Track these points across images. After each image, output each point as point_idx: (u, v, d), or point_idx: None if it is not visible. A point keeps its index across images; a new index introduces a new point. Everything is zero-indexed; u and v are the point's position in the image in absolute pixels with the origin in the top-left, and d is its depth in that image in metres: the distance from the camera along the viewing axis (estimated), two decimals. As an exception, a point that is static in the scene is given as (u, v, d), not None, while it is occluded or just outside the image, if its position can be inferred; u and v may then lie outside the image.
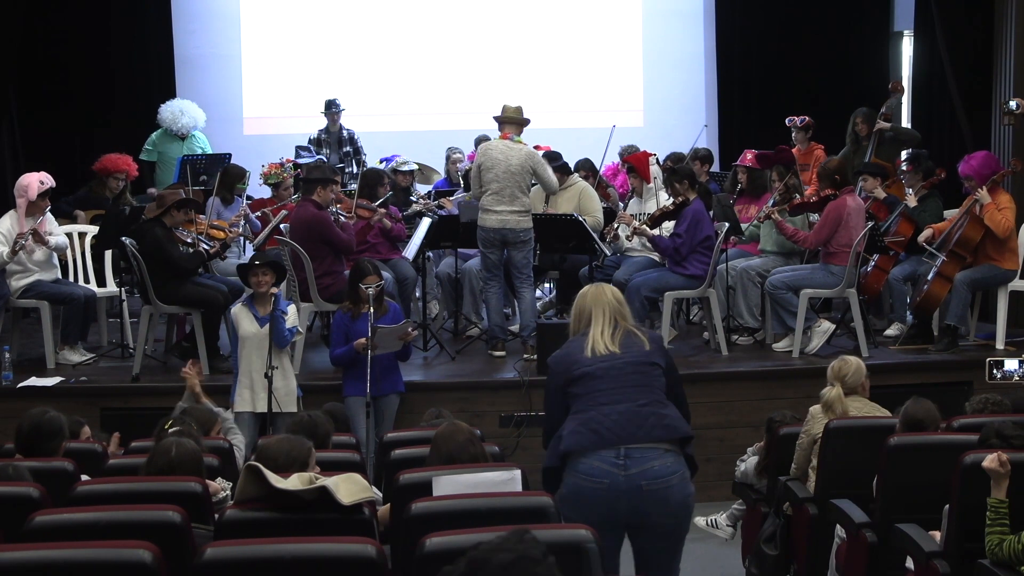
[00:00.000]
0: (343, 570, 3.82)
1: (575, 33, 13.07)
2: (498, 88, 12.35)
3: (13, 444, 5.75)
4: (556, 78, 12.91)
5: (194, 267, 8.66)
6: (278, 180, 10.10)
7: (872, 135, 10.34)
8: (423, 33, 12.95)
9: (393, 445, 6.10)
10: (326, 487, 4.32)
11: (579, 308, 5.26)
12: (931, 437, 5.65)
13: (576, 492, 4.86)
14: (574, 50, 13.06)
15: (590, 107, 12.86)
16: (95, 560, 3.80)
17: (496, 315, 9.01)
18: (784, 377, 8.75)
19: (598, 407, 4.92)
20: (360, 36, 12.86)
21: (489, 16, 13.00)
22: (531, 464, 7.23)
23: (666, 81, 13.14)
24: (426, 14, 12.95)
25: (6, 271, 8.79)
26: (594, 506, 4.80)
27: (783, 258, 9.41)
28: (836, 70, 12.38)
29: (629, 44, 13.16)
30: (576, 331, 5.23)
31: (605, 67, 13.14)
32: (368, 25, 12.88)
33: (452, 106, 12.75)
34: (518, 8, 13.02)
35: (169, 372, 8.84)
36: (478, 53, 12.95)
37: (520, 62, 12.88)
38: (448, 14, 12.97)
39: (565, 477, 4.93)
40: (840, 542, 5.93)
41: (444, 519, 4.20)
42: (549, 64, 12.97)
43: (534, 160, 8.86)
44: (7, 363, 8.57)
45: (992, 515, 4.66)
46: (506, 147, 8.78)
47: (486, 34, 12.99)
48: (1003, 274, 9.07)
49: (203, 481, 4.91)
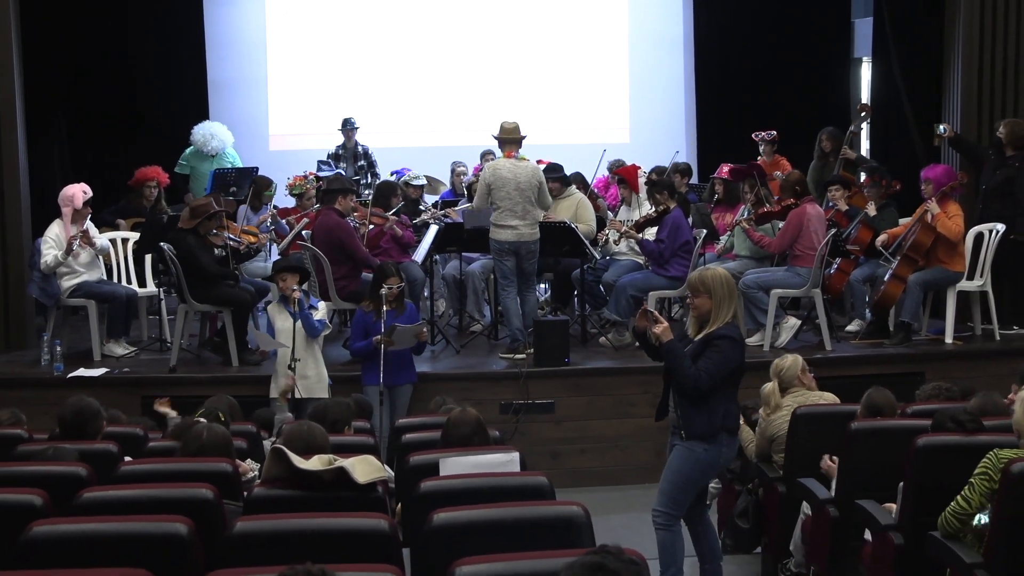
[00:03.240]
0: (359, 543, 3.82)
1: (568, 58, 13.05)
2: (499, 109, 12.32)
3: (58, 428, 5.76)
4: (552, 99, 12.90)
5: (219, 272, 8.67)
6: (302, 191, 10.14)
7: (839, 157, 10.35)
8: (431, 58, 12.94)
9: (404, 430, 6.12)
10: (343, 468, 4.34)
11: (729, 290, 5.60)
12: (888, 422, 5.67)
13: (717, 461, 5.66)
14: (567, 74, 13.05)
15: (582, 125, 12.86)
16: (137, 532, 3.81)
17: (516, 319, 8.76)
18: (756, 368, 8.64)
19: None
20: (373, 61, 12.85)
21: (491, 43, 12.99)
22: (528, 448, 7.28)
23: (650, 101, 13.13)
24: (433, 41, 12.94)
25: (56, 273, 8.81)
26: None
27: (755, 261, 9.41)
28: (803, 92, 12.37)
29: (617, 69, 13.15)
30: (726, 316, 5.52)
31: (595, 89, 13.13)
32: (380, 51, 12.87)
33: (457, 124, 12.74)
34: (517, 35, 13.01)
35: (202, 364, 8.88)
36: (481, 76, 12.94)
37: (519, 85, 12.87)
38: (453, 41, 12.96)
39: (710, 450, 5.53)
40: (805, 517, 5.94)
41: (450, 496, 4.21)
42: (545, 87, 12.96)
43: (539, 176, 8.79)
44: (58, 355, 8.58)
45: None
46: (513, 165, 8.69)
47: (488, 59, 12.98)
48: (952, 275, 9.08)
49: (233, 462, 4.92)
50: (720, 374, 5.43)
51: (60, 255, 8.69)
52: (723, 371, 5.44)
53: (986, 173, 9.39)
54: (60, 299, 8.90)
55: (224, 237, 8.80)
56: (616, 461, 8.48)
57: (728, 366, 5.45)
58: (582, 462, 8.43)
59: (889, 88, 11.34)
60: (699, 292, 5.55)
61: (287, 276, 7.92)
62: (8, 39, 9.21)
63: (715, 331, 5.45)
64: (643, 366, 7.82)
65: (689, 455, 5.54)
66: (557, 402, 8.43)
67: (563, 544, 3.72)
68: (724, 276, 5.59)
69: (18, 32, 9.37)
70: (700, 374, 5.40)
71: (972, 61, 9.87)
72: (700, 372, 5.40)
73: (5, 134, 9.26)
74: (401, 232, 9.42)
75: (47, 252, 8.74)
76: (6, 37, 9.20)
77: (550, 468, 7.38)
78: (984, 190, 9.35)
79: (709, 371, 5.40)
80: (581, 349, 9.08)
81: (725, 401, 5.53)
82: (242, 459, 5.24)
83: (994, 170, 9.34)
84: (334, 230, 8.75)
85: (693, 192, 10.89)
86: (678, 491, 5.58)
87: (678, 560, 5.58)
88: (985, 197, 9.34)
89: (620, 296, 9.02)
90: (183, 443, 5.09)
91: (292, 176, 10.47)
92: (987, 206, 9.33)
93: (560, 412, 8.44)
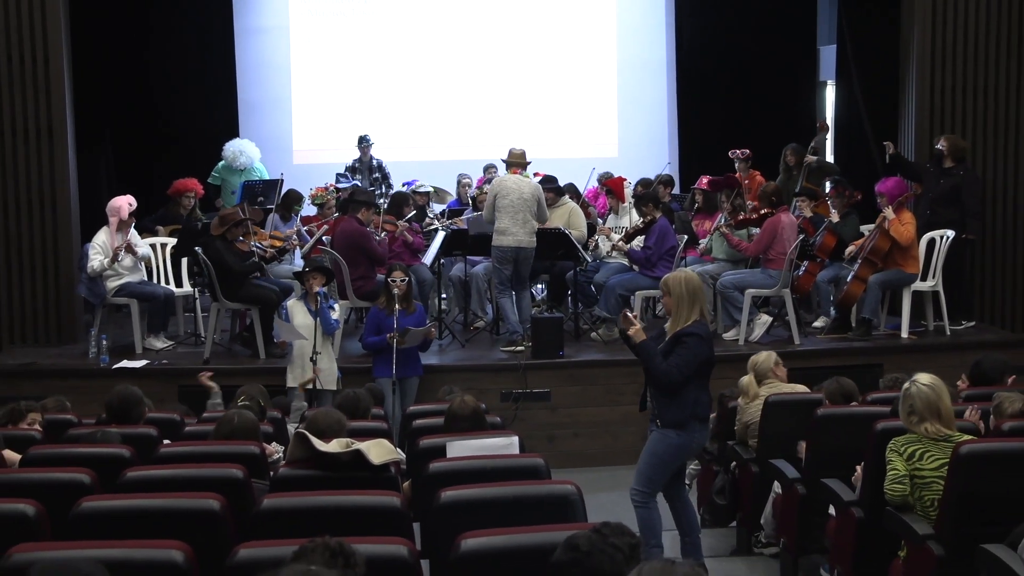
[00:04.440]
0: (373, 518, 3.82)
1: (563, 81, 13.03)
2: (500, 126, 12.42)
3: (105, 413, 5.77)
4: (548, 118, 12.87)
5: (246, 273, 8.67)
6: (323, 201, 10.16)
7: (803, 167, 10.35)
8: (439, 81, 12.92)
9: (415, 416, 6.12)
10: (360, 450, 4.34)
11: (691, 292, 5.47)
12: (851, 409, 5.68)
13: (689, 445, 5.58)
14: (562, 95, 13.02)
15: (575, 141, 12.83)
16: (175, 508, 3.81)
17: (512, 316, 8.82)
18: (732, 361, 8.70)
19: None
20: (386, 84, 12.83)
21: (493, 67, 12.96)
22: (526, 432, 7.29)
23: (636, 120, 13.12)
24: (441, 65, 12.91)
25: (102, 275, 8.82)
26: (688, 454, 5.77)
27: (731, 264, 9.42)
28: (774, 112, 12.35)
29: (606, 90, 13.13)
30: (689, 315, 5.43)
31: (586, 109, 13.10)
32: (393, 75, 12.85)
33: (462, 140, 12.72)
34: (517, 61, 12.98)
35: (233, 356, 8.88)
36: (484, 97, 12.92)
37: (519, 105, 12.85)
38: (459, 65, 12.94)
39: (682, 435, 5.48)
40: (776, 494, 5.95)
41: (456, 476, 4.21)
42: (542, 107, 12.93)
43: (539, 192, 8.86)
44: (104, 349, 8.60)
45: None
46: (517, 180, 8.76)
47: (491, 82, 12.95)
48: (907, 277, 9.08)
49: (261, 445, 4.92)
50: (689, 368, 5.39)
51: (106, 261, 8.72)
52: (692, 365, 5.40)
53: (929, 184, 9.41)
54: (106, 298, 8.91)
55: (250, 243, 8.82)
56: (606, 444, 8.48)
57: (696, 360, 5.41)
58: (575, 445, 8.44)
59: (851, 108, 11.35)
60: (664, 293, 5.56)
61: (317, 276, 8.00)
62: (60, 65, 9.22)
63: (683, 329, 5.41)
64: (630, 359, 7.73)
65: (663, 440, 5.53)
66: (552, 391, 8.44)
67: (558, 519, 3.72)
68: (684, 278, 5.49)
69: (69, 59, 9.37)
70: (671, 369, 5.38)
71: (924, 84, 9.89)
72: (671, 368, 5.38)
73: (57, 149, 9.26)
74: (411, 238, 9.44)
75: (94, 257, 8.75)
76: (58, 63, 9.21)
77: (546, 451, 7.39)
78: (931, 198, 9.36)
79: (679, 366, 5.38)
80: (574, 343, 9.09)
81: (696, 392, 5.49)
82: (268, 442, 5.25)
83: (938, 180, 9.37)
84: (354, 235, 8.81)
85: (675, 201, 10.89)
86: (653, 472, 5.56)
87: (657, 533, 5.57)
88: (933, 204, 9.36)
89: (609, 295, 9.03)
90: (216, 427, 5.10)
91: (314, 187, 10.49)
92: (936, 212, 9.34)
93: (555, 400, 8.44)
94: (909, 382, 4.68)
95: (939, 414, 4.56)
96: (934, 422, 4.55)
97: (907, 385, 4.68)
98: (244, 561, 3.18)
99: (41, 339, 9.33)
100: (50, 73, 9.18)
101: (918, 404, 4.58)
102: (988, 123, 9.91)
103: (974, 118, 9.90)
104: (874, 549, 4.82)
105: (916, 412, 4.58)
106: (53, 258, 9.33)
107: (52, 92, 9.19)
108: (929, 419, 4.56)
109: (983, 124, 9.91)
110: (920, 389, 4.59)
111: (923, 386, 4.59)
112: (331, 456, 4.33)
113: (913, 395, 4.60)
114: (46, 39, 9.16)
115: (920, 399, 4.58)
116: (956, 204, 9.30)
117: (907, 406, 4.63)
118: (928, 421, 4.55)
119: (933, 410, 4.56)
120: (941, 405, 4.57)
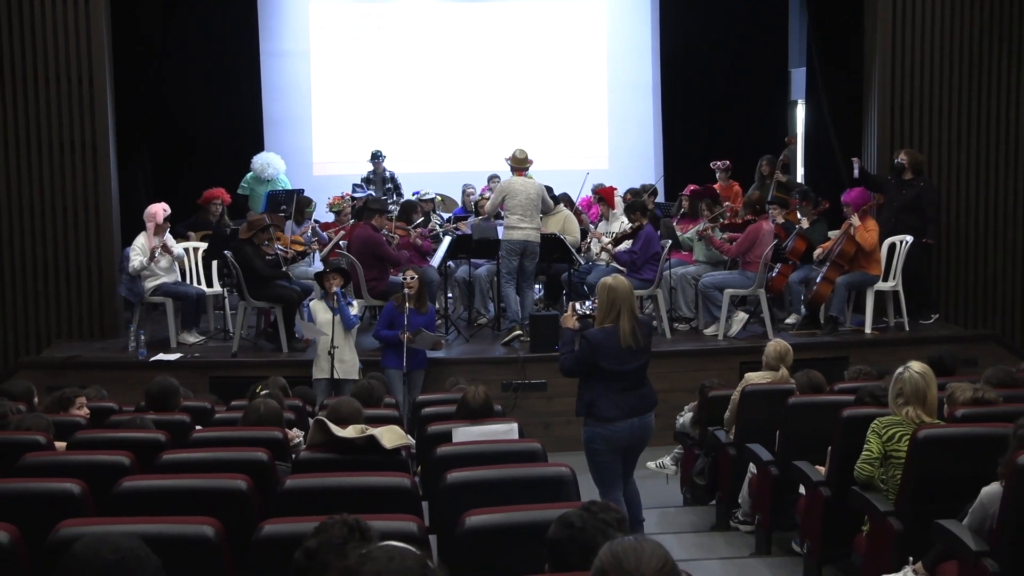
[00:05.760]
0: (386, 497, 3.82)
1: (558, 100, 13.02)
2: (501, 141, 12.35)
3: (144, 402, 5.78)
4: (544, 133, 12.83)
5: (271, 275, 8.68)
6: (340, 208, 10.16)
7: (772, 180, 10.40)
8: (445, 100, 12.91)
9: (423, 405, 6.12)
10: (373, 435, 4.34)
11: (611, 300, 5.21)
12: (820, 398, 5.67)
13: (607, 434, 5.28)
14: (557, 112, 13.01)
15: (570, 153, 12.82)
16: (206, 487, 3.82)
17: (514, 305, 8.89)
18: (712, 354, 8.76)
19: (619, 394, 5.24)
20: (397, 104, 12.83)
21: (495, 87, 12.96)
22: (525, 419, 7.29)
23: (625, 134, 13.11)
24: (447, 86, 12.91)
25: (140, 276, 8.84)
26: (618, 441, 5.32)
27: (711, 266, 9.43)
28: (749, 127, 12.36)
29: (598, 108, 13.12)
30: (603, 319, 5.22)
31: (580, 124, 13.10)
32: (403, 95, 12.84)
33: (466, 153, 12.72)
34: (517, 82, 12.97)
35: (258, 350, 8.90)
36: (487, 114, 12.92)
37: (518, 121, 12.82)
38: (464, 86, 12.94)
39: (596, 427, 5.26)
40: (751, 475, 5.95)
41: (461, 459, 4.21)
42: (539, 122, 12.90)
43: (542, 189, 8.98)
44: (142, 343, 8.61)
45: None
46: (524, 181, 8.86)
47: (493, 100, 12.95)
48: (871, 278, 9.09)
49: (283, 430, 4.93)
50: (576, 366, 5.25)
51: (144, 261, 8.74)
52: (578, 364, 5.24)
53: (892, 194, 9.42)
54: (144, 297, 8.92)
55: (274, 247, 8.85)
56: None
57: (581, 360, 5.23)
58: (569, 431, 8.40)
59: (819, 125, 11.34)
60: (594, 295, 5.41)
61: (336, 276, 8.02)
62: (103, 87, 9.23)
63: (587, 331, 5.26)
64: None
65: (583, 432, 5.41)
66: (549, 382, 8.44)
67: (554, 498, 3.72)
68: (609, 287, 5.23)
69: (111, 81, 9.39)
70: (563, 360, 5.32)
71: (885, 103, 9.91)
72: (563, 359, 5.32)
73: (100, 163, 9.27)
74: (421, 242, 9.46)
75: (134, 258, 8.78)
76: (102, 85, 9.22)
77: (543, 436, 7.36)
78: (895, 207, 9.37)
79: (569, 359, 5.28)
80: (568, 338, 9.08)
81: (589, 393, 5.28)
82: (290, 428, 5.26)
83: (899, 191, 9.38)
84: (368, 241, 8.82)
85: (659, 208, 10.92)
86: (592, 469, 5.37)
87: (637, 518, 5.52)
88: (897, 213, 9.37)
89: (600, 294, 9.04)
90: (244, 414, 5.10)
91: (332, 196, 10.49)
92: (899, 220, 9.35)
93: (551, 390, 8.45)
94: (903, 367, 4.59)
95: (924, 401, 4.50)
96: (917, 408, 4.49)
97: (900, 370, 4.59)
98: (268, 536, 3.19)
99: (85, 334, 9.34)
100: (94, 94, 9.21)
101: (907, 388, 4.51)
102: (943, 139, 9.95)
103: (930, 134, 9.93)
104: (840, 525, 4.82)
105: (903, 395, 4.53)
106: (96, 261, 9.34)
107: (96, 111, 9.21)
108: (913, 404, 4.49)
109: (938, 140, 9.94)
110: (912, 375, 4.52)
111: (915, 373, 4.52)
112: (347, 441, 4.34)
113: (904, 380, 4.53)
114: (91, 64, 9.18)
115: (909, 384, 4.51)
116: (917, 212, 9.34)
117: (896, 389, 4.57)
118: (912, 406, 4.50)
119: (920, 397, 4.50)
120: (928, 393, 4.50)
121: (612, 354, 5.17)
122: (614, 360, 5.18)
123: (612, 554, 2.08)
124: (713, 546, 5.90)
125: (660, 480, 7.25)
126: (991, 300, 10.09)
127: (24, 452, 4.35)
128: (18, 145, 9.20)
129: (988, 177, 10.02)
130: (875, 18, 9.94)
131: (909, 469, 4.35)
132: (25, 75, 9.14)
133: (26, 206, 9.25)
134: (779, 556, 5.51)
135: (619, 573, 2.02)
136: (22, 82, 9.15)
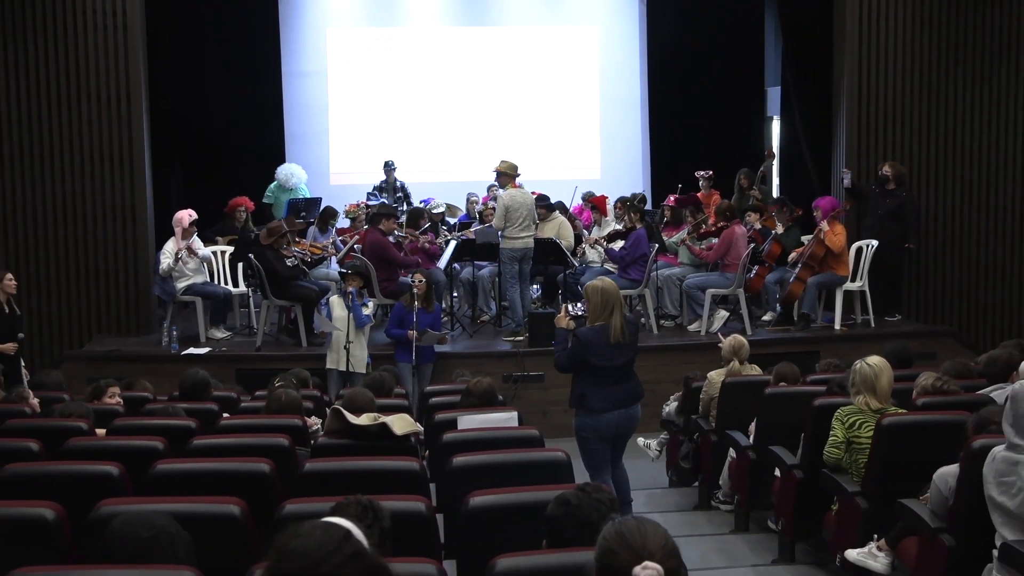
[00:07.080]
0: (397, 479, 3.81)
1: (554, 115, 13.00)
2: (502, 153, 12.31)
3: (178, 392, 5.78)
4: (541, 146, 12.84)
5: (291, 276, 8.68)
6: (355, 215, 10.19)
7: (749, 193, 10.43)
8: (452, 116, 12.90)
9: (431, 395, 6.12)
10: (385, 423, 4.34)
11: (604, 300, 5.17)
12: (793, 388, 5.68)
13: (596, 424, 5.22)
14: (553, 127, 13.00)
15: (565, 165, 12.82)
16: (232, 470, 3.81)
17: (519, 310, 8.82)
18: (695, 349, 8.76)
19: (608, 387, 5.19)
20: (408, 119, 12.81)
21: (497, 104, 12.95)
22: (525, 408, 7.29)
23: (615, 147, 13.09)
24: (453, 103, 12.91)
25: (172, 276, 8.84)
26: (606, 430, 5.25)
27: (695, 268, 9.43)
28: (728, 141, 12.35)
29: (590, 123, 13.11)
30: (595, 319, 5.17)
31: (574, 137, 13.07)
32: (413, 111, 12.83)
33: (471, 164, 12.68)
34: (516, 100, 12.96)
35: (280, 345, 8.90)
36: (489, 129, 12.90)
37: (517, 135, 12.80)
38: (468, 103, 12.93)
39: (586, 417, 5.20)
40: (731, 459, 5.96)
41: (465, 445, 4.21)
42: (536, 135, 12.89)
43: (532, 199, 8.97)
44: (174, 338, 8.62)
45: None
46: (521, 194, 8.84)
47: (495, 116, 12.94)
48: (840, 279, 9.10)
49: (303, 418, 4.92)
50: (569, 362, 5.23)
51: (171, 262, 8.76)
52: (570, 360, 5.22)
53: (876, 203, 9.43)
54: (175, 296, 8.92)
55: (292, 251, 8.87)
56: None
57: (573, 357, 5.21)
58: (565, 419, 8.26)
59: (793, 139, 11.36)
60: (585, 297, 5.32)
61: (355, 278, 8.08)
62: (139, 103, 9.24)
63: (579, 329, 5.23)
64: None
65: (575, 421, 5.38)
66: (546, 374, 8.43)
67: (550, 481, 3.72)
68: (601, 288, 5.20)
69: (147, 98, 9.40)
70: (558, 356, 5.31)
71: (853, 119, 9.90)
72: (558, 355, 5.31)
73: (136, 173, 9.28)
74: (428, 246, 9.47)
75: (163, 260, 8.80)
76: (138, 102, 9.23)
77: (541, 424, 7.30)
78: (880, 215, 9.38)
79: (562, 356, 5.27)
80: (564, 334, 9.08)
81: (580, 386, 5.25)
82: (309, 416, 5.26)
83: (884, 200, 9.39)
84: (376, 244, 8.83)
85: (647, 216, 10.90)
86: (583, 455, 5.33)
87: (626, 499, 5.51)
88: (881, 220, 9.38)
89: (593, 294, 9.04)
90: (266, 403, 5.10)
91: (348, 204, 10.50)
92: (883, 226, 9.37)
93: (548, 382, 8.44)
94: (860, 361, 4.62)
95: (874, 390, 4.51)
96: (868, 395, 4.51)
97: (856, 363, 4.63)
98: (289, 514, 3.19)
99: (123, 330, 9.34)
100: (131, 110, 9.21)
101: (858, 379, 4.55)
102: (905, 152, 9.95)
103: (893, 148, 9.93)
104: (811, 504, 4.83)
105: (855, 384, 4.56)
106: (133, 263, 9.35)
107: (132, 126, 9.23)
108: (864, 392, 4.52)
109: (901, 153, 9.93)
110: (863, 367, 4.55)
111: (867, 365, 4.54)
112: (361, 428, 4.33)
113: (856, 371, 4.58)
114: (128, 82, 9.20)
115: (859, 375, 4.54)
116: (899, 219, 9.37)
117: (851, 379, 4.61)
118: (864, 394, 4.52)
119: (869, 385, 4.51)
120: (878, 383, 4.50)
121: (601, 351, 5.16)
122: (603, 356, 5.17)
123: (617, 533, 2.05)
124: (696, 524, 5.90)
125: (648, 464, 7.25)
126: (949, 300, 10.10)
127: (68, 437, 4.36)
128: (62, 158, 9.22)
129: (947, 187, 10.03)
130: (843, 41, 9.95)
131: (875, 453, 4.35)
132: (69, 95, 9.18)
133: (69, 214, 9.27)
134: (756, 533, 5.52)
135: (626, 551, 2.00)
136: (66, 101, 9.18)
